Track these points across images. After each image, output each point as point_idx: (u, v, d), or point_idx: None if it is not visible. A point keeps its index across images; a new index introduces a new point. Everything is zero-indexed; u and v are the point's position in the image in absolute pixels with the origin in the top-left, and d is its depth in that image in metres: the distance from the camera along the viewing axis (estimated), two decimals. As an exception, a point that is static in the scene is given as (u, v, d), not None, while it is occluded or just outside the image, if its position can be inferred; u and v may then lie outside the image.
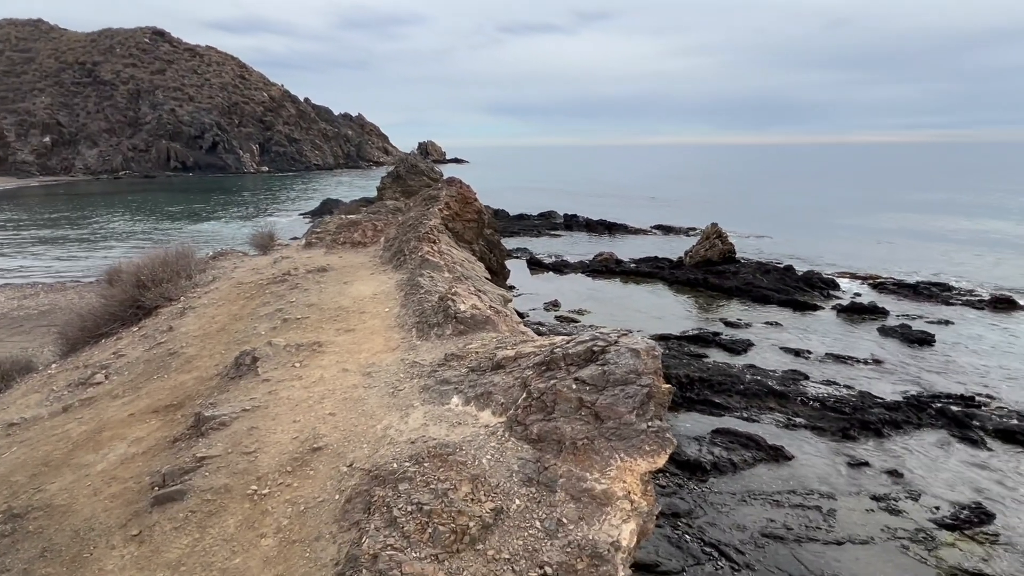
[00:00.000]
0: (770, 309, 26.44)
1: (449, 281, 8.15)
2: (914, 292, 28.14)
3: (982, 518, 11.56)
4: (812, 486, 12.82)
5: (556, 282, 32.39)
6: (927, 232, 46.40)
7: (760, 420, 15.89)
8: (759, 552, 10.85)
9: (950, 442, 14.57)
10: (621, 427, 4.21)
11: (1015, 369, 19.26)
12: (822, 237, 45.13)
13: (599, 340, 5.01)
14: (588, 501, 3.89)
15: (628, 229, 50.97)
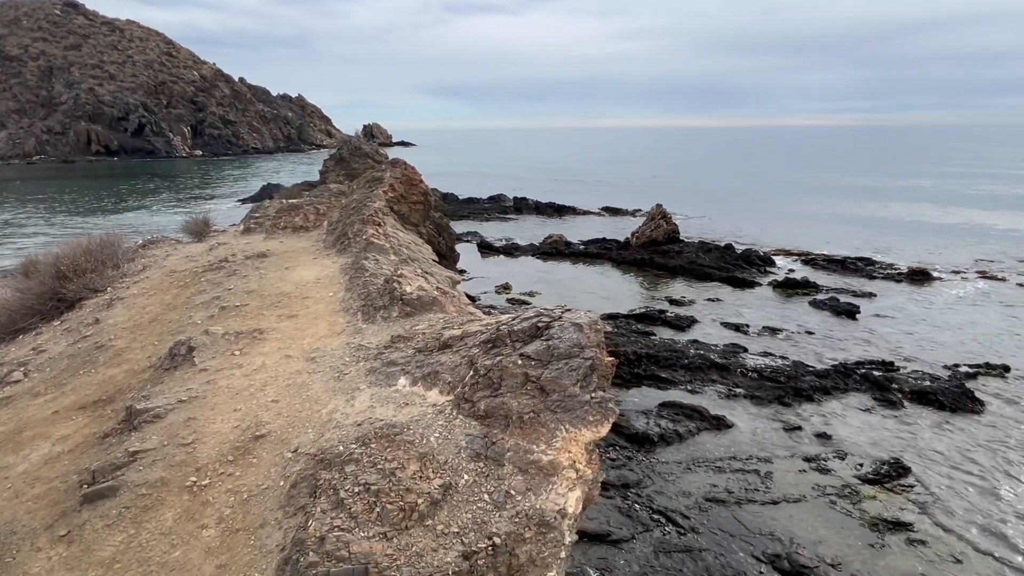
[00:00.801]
0: (712, 286, 27.54)
1: (395, 264, 8.03)
2: (842, 267, 29.99)
3: (899, 472, 12.59)
4: (751, 451, 13.57)
5: (507, 265, 32.50)
6: (853, 212, 49.31)
7: (703, 392, 16.61)
8: (703, 516, 11.43)
9: (872, 405, 15.73)
10: (566, 399, 4.32)
11: (928, 336, 20.94)
12: (760, 217, 47.20)
13: (543, 316, 5.08)
14: (535, 472, 3.98)
15: (577, 211, 51.60)
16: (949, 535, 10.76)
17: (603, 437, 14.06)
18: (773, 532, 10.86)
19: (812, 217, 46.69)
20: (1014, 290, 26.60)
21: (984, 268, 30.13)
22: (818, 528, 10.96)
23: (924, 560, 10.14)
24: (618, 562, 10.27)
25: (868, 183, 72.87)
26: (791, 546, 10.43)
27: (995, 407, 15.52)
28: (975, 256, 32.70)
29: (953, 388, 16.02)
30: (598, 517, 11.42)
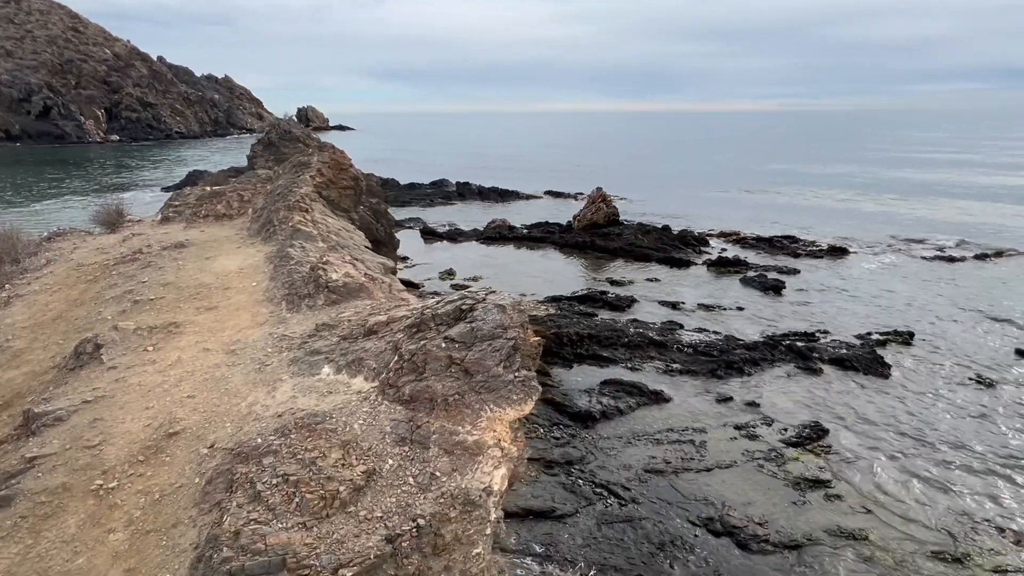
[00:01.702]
0: (650, 267, 28.37)
1: (323, 251, 7.74)
2: (769, 245, 31.59)
3: (819, 434, 13.50)
4: (687, 423, 14.16)
5: (451, 251, 32.21)
6: (782, 194, 51.92)
7: (643, 368, 17.15)
8: (643, 487, 11.86)
9: (796, 373, 16.74)
10: (490, 380, 4.32)
11: (845, 307, 22.46)
12: (695, 199, 48.89)
13: (467, 299, 5.05)
14: (461, 453, 3.97)
15: (520, 196, 51.70)
16: (861, 489, 11.66)
17: (534, 414, 14.13)
18: (707, 497, 11.42)
19: (744, 199, 48.82)
20: (918, 264, 28.91)
21: (893, 244, 32.54)
22: (747, 490, 11.61)
23: (839, 513, 10.95)
24: (563, 536, 10.51)
25: (797, 167, 76.83)
26: (723, 509, 11.00)
27: (902, 371, 16.88)
28: (888, 233, 35.26)
29: (866, 355, 17.28)
30: (543, 495, 11.64)
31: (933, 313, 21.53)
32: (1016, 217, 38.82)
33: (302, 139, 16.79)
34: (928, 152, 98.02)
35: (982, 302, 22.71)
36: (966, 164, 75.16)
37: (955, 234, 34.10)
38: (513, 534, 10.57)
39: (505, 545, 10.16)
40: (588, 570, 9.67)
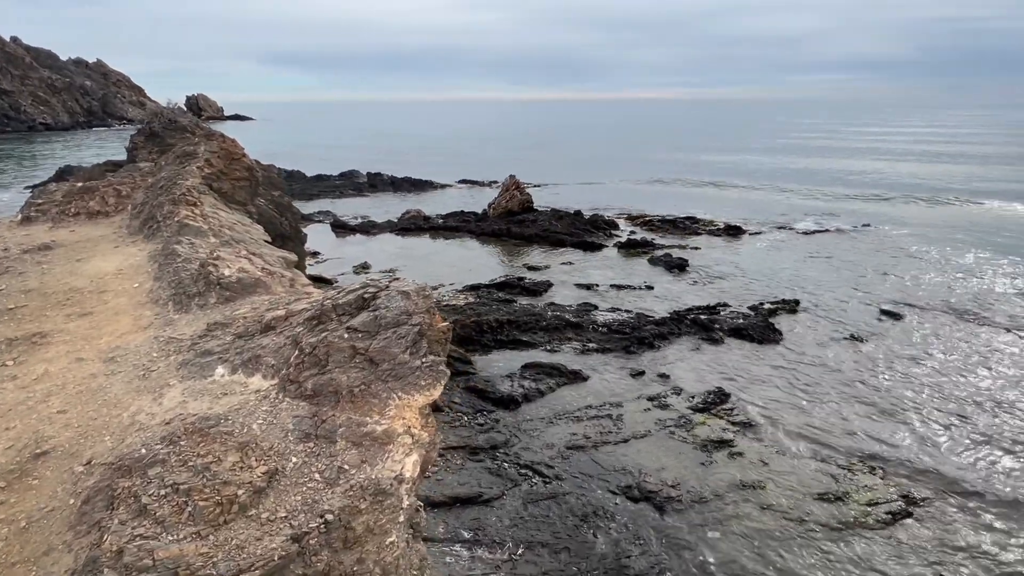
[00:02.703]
0: (565, 251, 29.12)
1: (214, 246, 7.19)
2: (673, 226, 33.48)
3: (722, 399, 14.57)
4: (604, 399, 14.75)
5: (365, 244, 31.24)
6: (684, 179, 55.05)
7: (561, 350, 17.62)
8: (566, 463, 12.23)
9: (700, 344, 17.92)
10: (396, 367, 4.23)
11: (741, 280, 24.32)
12: (603, 185, 50.70)
13: (370, 287, 4.90)
14: (370, 444, 3.87)
15: (435, 185, 51.03)
16: (760, 445, 12.75)
17: (457, 403, 14.11)
18: (625, 467, 11.99)
19: (648, 185, 51.25)
20: (800, 239, 31.88)
21: (779, 223, 35.61)
22: (661, 457, 12.32)
23: (741, 468, 11.91)
24: (490, 519, 10.62)
25: (696, 156, 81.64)
26: (640, 476, 11.61)
27: (790, 336, 18.57)
28: (776, 212, 38.50)
29: (760, 323, 18.83)
30: (469, 481, 11.68)
31: (813, 283, 23.84)
32: (878, 195, 43.74)
33: (191, 129, 15.45)
34: (804, 139, 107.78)
35: (853, 271, 25.45)
36: (836, 149, 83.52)
37: (829, 212, 37.89)
38: (441, 523, 10.54)
39: (433, 535, 10.12)
40: (516, 549, 9.86)
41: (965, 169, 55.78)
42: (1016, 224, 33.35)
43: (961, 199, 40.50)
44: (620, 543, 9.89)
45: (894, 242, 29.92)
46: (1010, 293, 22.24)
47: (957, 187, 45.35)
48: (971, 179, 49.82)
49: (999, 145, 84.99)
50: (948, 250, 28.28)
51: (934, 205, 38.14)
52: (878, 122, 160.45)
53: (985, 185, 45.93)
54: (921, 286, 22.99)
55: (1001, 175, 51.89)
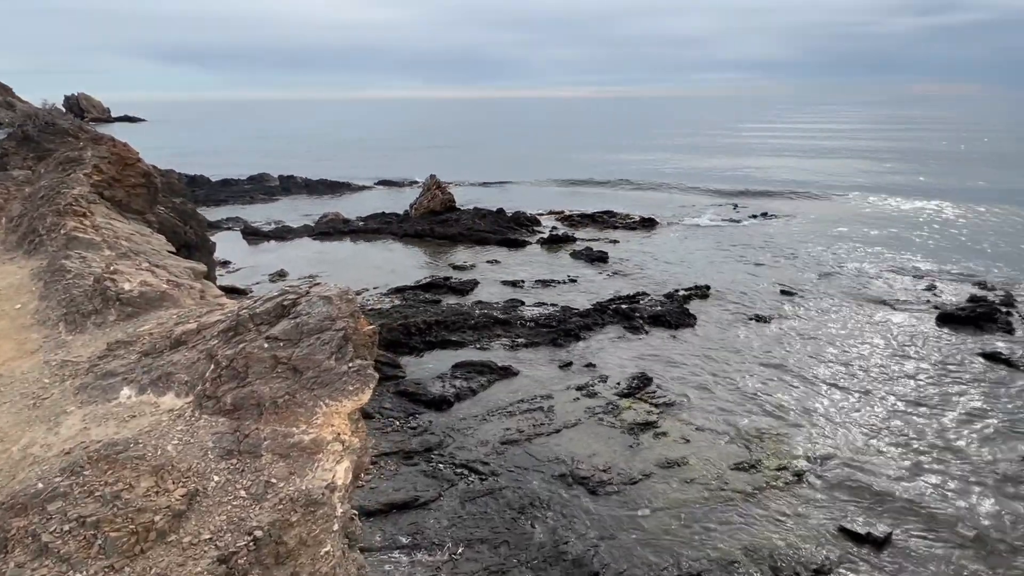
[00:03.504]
0: (490, 249, 29.30)
1: (110, 259, 6.59)
2: (592, 221, 34.64)
3: (645, 383, 15.31)
4: (535, 392, 15.05)
5: (280, 250, 29.79)
6: (597, 178, 56.94)
7: (491, 347, 17.76)
8: (501, 459, 12.37)
9: (623, 333, 18.72)
10: (322, 374, 4.14)
11: (658, 269, 25.63)
12: (524, 182, 51.44)
13: (289, 294, 4.74)
14: (298, 454, 3.76)
15: (352, 187, 49.55)
16: (679, 422, 13.55)
17: (389, 408, 13.86)
18: (558, 456, 12.32)
19: (566, 182, 52.58)
20: (708, 229, 34.06)
21: (689, 214, 37.85)
22: (591, 443, 12.78)
23: (665, 447, 12.62)
24: (428, 522, 10.56)
25: (610, 151, 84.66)
26: (573, 464, 11.98)
27: (704, 319, 19.83)
28: (683, 207, 40.83)
29: (676, 310, 19.96)
30: (405, 486, 11.54)
31: (720, 269, 25.57)
32: (771, 190, 47.45)
33: (72, 131, 14.00)
34: (708, 136, 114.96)
35: (755, 255, 27.56)
36: (736, 147, 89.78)
37: (730, 206, 40.70)
38: (378, 532, 10.34)
39: (370, 544, 9.91)
40: (456, 548, 9.88)
41: (845, 164, 61.90)
42: (886, 215, 37.53)
43: (841, 192, 44.88)
44: (557, 530, 10.18)
45: (786, 232, 32.70)
46: (884, 275, 25.03)
47: (837, 182, 50.23)
48: (850, 174, 55.42)
49: (872, 140, 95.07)
50: (831, 238, 31.33)
51: (818, 199, 41.97)
52: (772, 118, 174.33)
53: (862, 179, 51.21)
54: (811, 270, 25.32)
55: (876, 169, 58.11)
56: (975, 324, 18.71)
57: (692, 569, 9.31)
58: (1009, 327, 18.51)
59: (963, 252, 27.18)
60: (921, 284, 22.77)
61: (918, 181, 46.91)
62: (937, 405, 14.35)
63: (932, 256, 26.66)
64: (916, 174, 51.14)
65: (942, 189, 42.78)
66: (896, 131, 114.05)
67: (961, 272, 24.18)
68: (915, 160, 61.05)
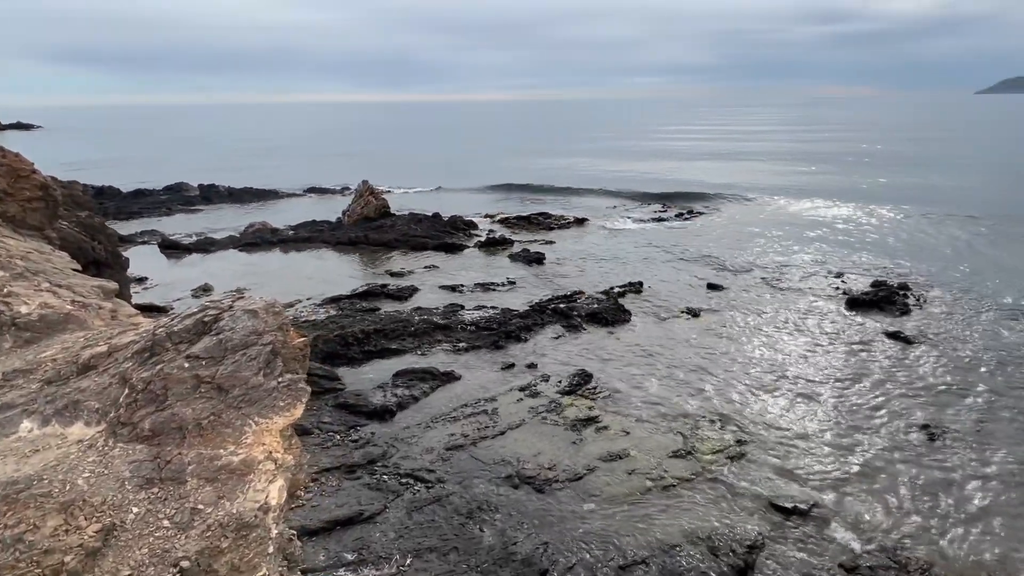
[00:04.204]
0: (427, 254, 29.02)
1: (3, 281, 5.97)
2: (528, 222, 35.07)
3: (585, 379, 15.67)
4: (478, 395, 15.04)
5: (204, 263, 28.16)
6: (531, 179, 57.71)
7: (432, 353, 17.58)
8: (446, 465, 12.26)
9: (562, 332, 19.06)
10: (250, 391, 3.96)
11: (593, 268, 26.30)
12: (458, 187, 51.32)
13: (210, 309, 4.49)
14: (227, 477, 3.57)
15: (280, 195, 47.65)
16: (620, 416, 13.96)
17: (328, 422, 13.44)
18: (504, 458, 12.37)
19: (500, 184, 52.93)
20: (639, 226, 35.32)
21: (621, 213, 39.10)
22: (536, 442, 12.92)
23: (608, 440, 12.96)
24: (374, 536, 10.30)
25: (539, 155, 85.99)
26: (518, 464, 12.06)
27: (638, 315, 20.53)
28: (614, 205, 42.12)
29: (612, 307, 20.55)
30: (348, 501, 11.20)
31: (652, 265, 26.59)
32: (701, 187, 49.88)
33: (-49, 141, 12.56)
34: (636, 138, 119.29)
35: (682, 252, 28.85)
36: (660, 151, 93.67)
37: (658, 206, 42.37)
38: (321, 551, 9.98)
39: (314, 564, 9.55)
40: (404, 560, 9.70)
41: (761, 166, 65.97)
42: (799, 214, 40.35)
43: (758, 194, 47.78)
44: (506, 532, 10.21)
45: (710, 230, 34.46)
46: (798, 268, 26.90)
47: (755, 183, 53.49)
48: (766, 176, 59.15)
49: (785, 143, 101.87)
50: (751, 236, 33.33)
51: (738, 200, 44.40)
52: (693, 121, 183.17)
53: (777, 181, 54.75)
54: (734, 265, 26.81)
55: (789, 171, 62.32)
56: (878, 307, 20.48)
57: (637, 557, 9.61)
58: (906, 308, 20.40)
59: (866, 245, 29.69)
60: (831, 274, 24.66)
61: (826, 181, 50.68)
62: (849, 381, 15.60)
63: (840, 249, 28.94)
64: (824, 174, 55.26)
65: (847, 189, 46.46)
66: (806, 132, 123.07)
67: (865, 263, 26.40)
68: (823, 161, 65.95)
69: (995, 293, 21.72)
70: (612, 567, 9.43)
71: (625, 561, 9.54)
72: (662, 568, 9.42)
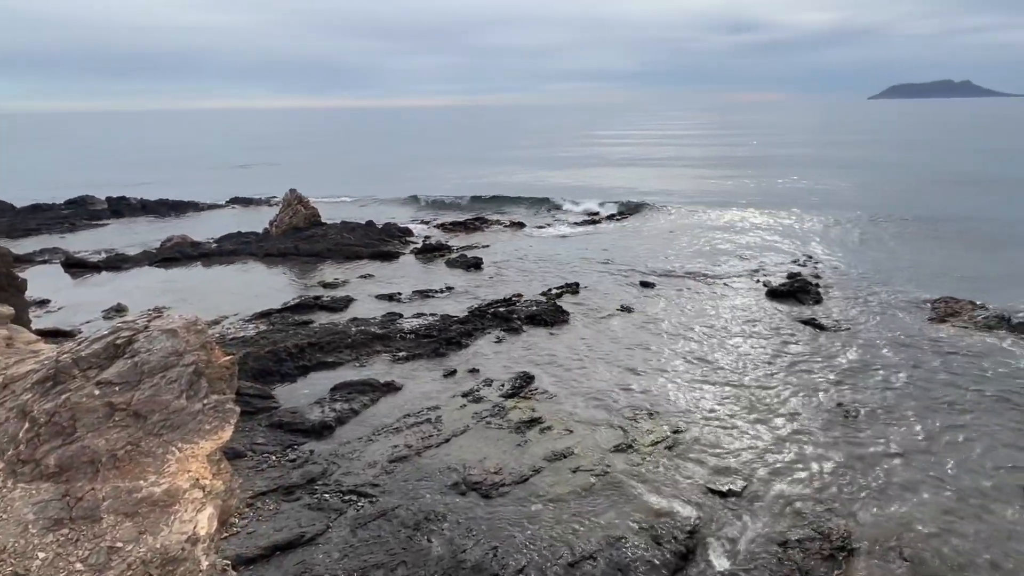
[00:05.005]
0: (362, 263, 28.31)
1: None
2: (465, 228, 35.01)
3: (527, 381, 15.81)
4: (421, 404, 14.82)
5: (115, 282, 26.13)
6: (463, 186, 57.73)
7: (371, 364, 17.16)
8: (390, 478, 11.98)
9: (503, 336, 19.15)
10: (171, 416, 3.70)
11: (531, 270, 26.61)
12: (391, 195, 50.44)
13: (123, 330, 4.17)
14: (149, 510, 3.31)
15: (200, 206, 45.02)
16: (562, 415, 14.18)
17: (262, 443, 12.89)
18: (450, 466, 12.25)
19: (432, 191, 52.56)
20: (574, 228, 36.12)
21: (556, 215, 39.83)
22: (481, 448, 12.89)
23: (551, 440, 13.13)
24: (317, 558, 9.91)
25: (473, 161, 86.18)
26: (464, 471, 11.98)
27: (576, 314, 20.97)
28: (548, 209, 42.84)
29: (550, 308, 20.87)
30: (287, 525, 10.71)
31: (587, 266, 27.25)
32: (630, 192, 51.68)
33: None
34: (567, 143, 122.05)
35: (617, 252, 29.77)
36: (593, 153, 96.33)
37: (597, 199, 43.54)
38: (260, 580, 9.48)
39: (252, 596, 9.05)
40: (349, 579, 9.38)
41: (686, 171, 69.24)
42: (721, 215, 42.66)
43: (683, 197, 50.16)
44: (454, 540, 10.11)
45: (641, 233, 35.76)
46: (723, 264, 28.42)
47: (680, 188, 56.08)
48: (691, 180, 62.17)
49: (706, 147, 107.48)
50: (678, 236, 34.90)
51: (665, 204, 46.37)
52: (621, 125, 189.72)
53: (700, 185, 57.65)
54: (664, 263, 27.98)
55: (711, 175, 65.76)
56: (794, 297, 21.99)
57: (585, 552, 9.79)
58: (819, 297, 22.03)
59: (782, 242, 31.79)
60: (751, 270, 26.24)
61: (744, 184, 53.55)
62: (771, 366, 16.65)
63: (759, 247, 30.81)
64: (743, 178, 58.36)
65: (763, 191, 49.48)
66: (725, 136, 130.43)
67: (781, 259, 28.25)
68: (742, 166, 69.68)
69: (895, 282, 23.88)
70: (561, 565, 9.55)
71: (574, 558, 9.69)
72: (609, 561, 9.64)
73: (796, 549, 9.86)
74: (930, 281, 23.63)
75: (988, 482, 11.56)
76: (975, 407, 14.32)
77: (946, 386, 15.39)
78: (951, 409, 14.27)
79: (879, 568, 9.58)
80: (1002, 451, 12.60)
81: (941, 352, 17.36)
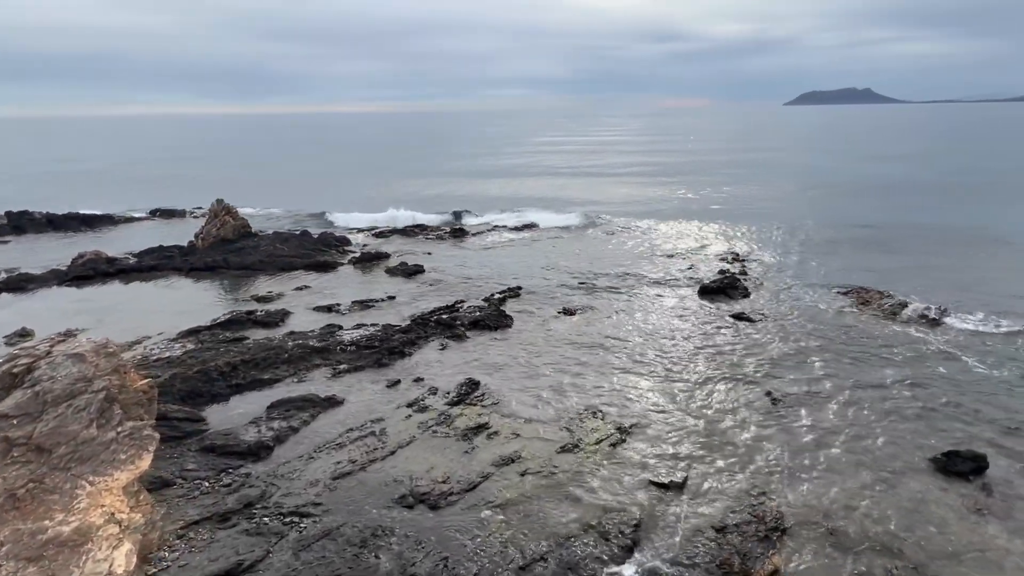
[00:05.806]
0: (297, 275, 27.29)
1: None
2: (403, 234, 34.52)
3: (473, 388, 15.73)
4: (364, 417, 14.42)
5: (18, 304, 23.91)
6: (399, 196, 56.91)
7: (310, 378, 16.55)
8: (334, 495, 11.58)
9: (447, 342, 18.97)
10: (80, 447, 3.43)
11: (474, 276, 26.54)
12: (327, 201, 48.95)
13: (20, 358, 3.84)
14: (56, 552, 3.04)
15: (116, 219, 41.99)
16: (509, 419, 14.21)
17: (193, 468, 12.25)
18: (396, 478, 11.98)
19: (370, 195, 51.46)
20: (510, 236, 36.37)
21: (493, 225, 39.93)
22: (428, 457, 12.70)
23: (499, 445, 13.12)
24: (258, 586, 9.41)
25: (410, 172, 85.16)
26: (411, 482, 11.76)
27: (519, 319, 21.08)
28: (487, 219, 42.91)
29: (493, 313, 20.89)
30: (224, 553, 10.09)
31: (528, 271, 27.51)
32: (570, 199, 52.56)
33: None
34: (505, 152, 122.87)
35: (557, 257, 30.22)
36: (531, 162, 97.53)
37: (535, 208, 43.99)
38: (195, 616, 8.88)
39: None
40: (293, 606, 8.97)
41: (617, 178, 71.29)
42: (657, 221, 44.18)
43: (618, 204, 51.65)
44: (403, 554, 9.90)
45: (578, 239, 36.55)
46: (658, 265, 29.46)
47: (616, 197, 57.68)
48: (622, 186, 63.99)
49: (635, 155, 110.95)
50: (615, 241, 35.90)
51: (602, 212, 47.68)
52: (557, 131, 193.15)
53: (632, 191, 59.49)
54: (602, 267, 28.71)
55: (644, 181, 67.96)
56: (724, 293, 23.10)
57: (536, 554, 9.83)
58: (746, 292, 23.25)
59: (712, 244, 33.35)
60: (684, 269, 27.36)
61: (675, 191, 55.76)
62: (704, 358, 17.41)
63: (691, 248, 32.19)
64: (674, 184, 60.69)
65: (693, 197, 51.71)
66: (656, 143, 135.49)
67: (711, 259, 29.64)
68: (675, 172, 72.54)
69: (813, 278, 25.60)
70: (512, 569, 9.55)
71: (525, 561, 9.72)
72: (560, 560, 9.74)
73: (734, 533, 10.33)
74: (844, 275, 25.54)
75: (899, 459, 12.58)
76: (888, 389, 15.56)
77: (861, 371, 16.64)
78: (866, 392, 15.43)
79: (809, 544, 10.20)
80: (911, 427, 13.75)
81: (857, 340, 18.75)
